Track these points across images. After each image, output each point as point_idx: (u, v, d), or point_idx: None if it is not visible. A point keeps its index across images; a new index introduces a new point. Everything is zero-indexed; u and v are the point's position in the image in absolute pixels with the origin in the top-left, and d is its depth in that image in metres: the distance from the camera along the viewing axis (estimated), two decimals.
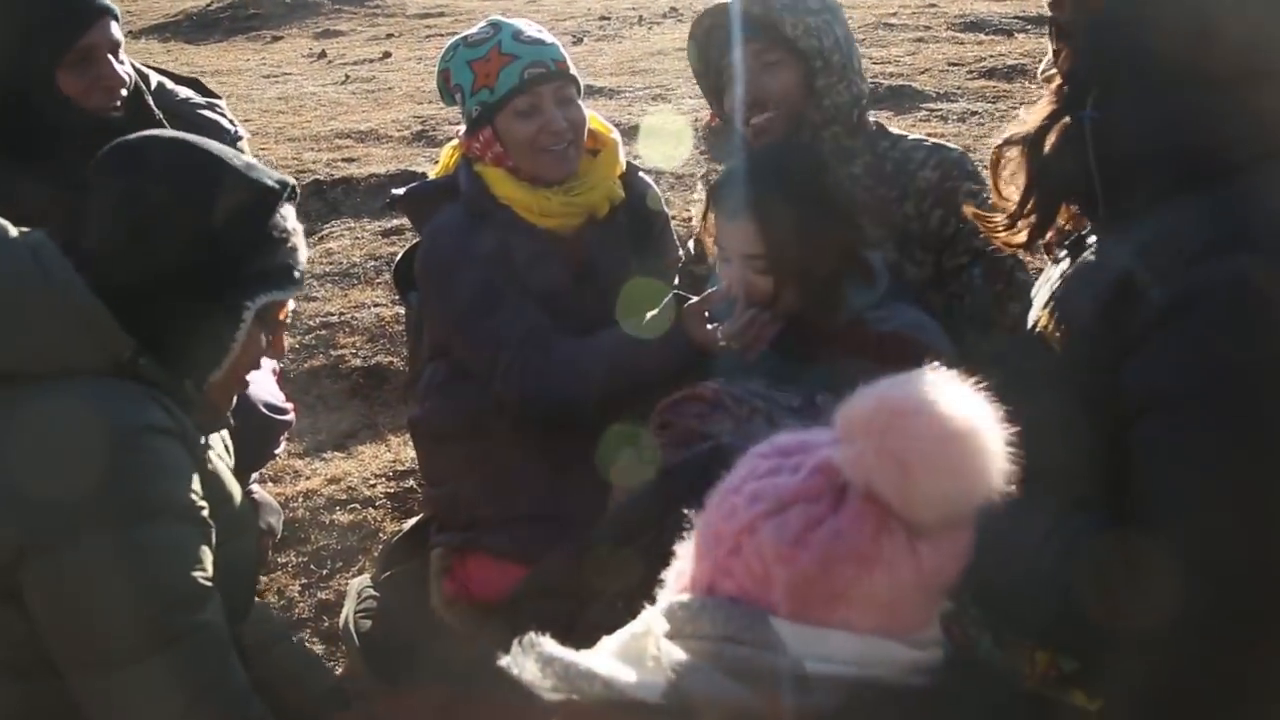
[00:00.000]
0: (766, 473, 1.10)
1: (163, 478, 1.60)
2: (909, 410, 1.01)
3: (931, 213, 2.32)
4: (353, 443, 3.49)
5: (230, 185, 1.67)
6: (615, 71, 7.55)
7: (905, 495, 1.00)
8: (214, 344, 1.69)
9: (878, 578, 1.02)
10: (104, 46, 2.32)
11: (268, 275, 1.70)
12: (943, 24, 8.09)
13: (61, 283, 1.58)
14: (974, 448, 1.00)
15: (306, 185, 5.44)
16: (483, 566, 2.41)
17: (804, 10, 2.30)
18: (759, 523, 1.05)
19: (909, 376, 1.05)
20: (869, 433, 1.01)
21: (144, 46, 10.14)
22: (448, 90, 2.42)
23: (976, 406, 1.03)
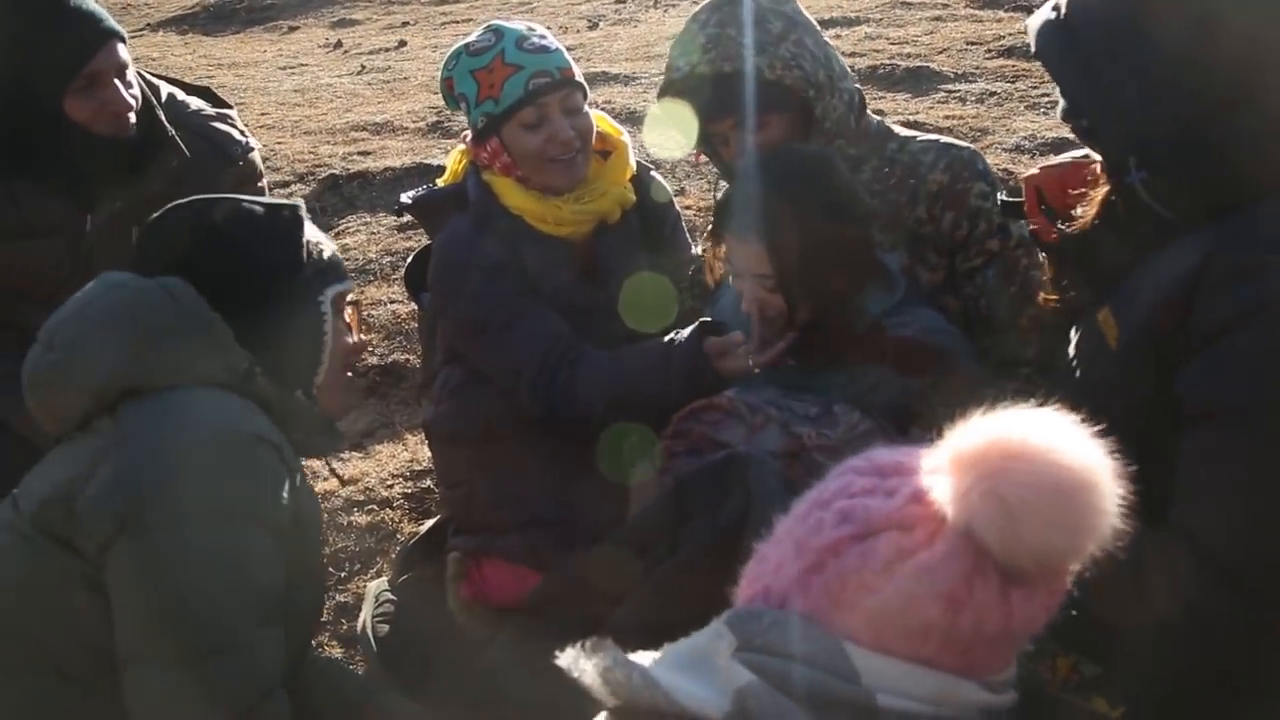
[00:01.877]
0: (860, 492, 1.06)
1: (265, 487, 1.70)
2: (1024, 454, 0.96)
3: (943, 215, 2.30)
4: (370, 442, 3.51)
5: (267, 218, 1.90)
6: (631, 57, 7.51)
7: (1007, 542, 0.95)
8: (311, 343, 1.90)
9: (963, 621, 0.98)
10: (110, 71, 2.32)
11: (324, 272, 1.92)
12: (960, 2, 7.99)
13: (188, 304, 1.76)
14: (1087, 502, 0.95)
15: (323, 180, 5.46)
16: (498, 570, 2.42)
17: (771, 43, 2.24)
18: (845, 545, 1.02)
19: (1027, 415, 1.00)
20: (977, 471, 0.97)
21: (161, 39, 10.18)
22: (452, 98, 2.42)
23: (1095, 457, 0.98)
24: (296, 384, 1.88)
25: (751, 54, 2.22)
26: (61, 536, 1.66)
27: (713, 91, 2.27)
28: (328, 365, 1.92)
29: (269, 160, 5.49)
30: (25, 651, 1.68)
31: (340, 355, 1.95)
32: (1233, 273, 1.38)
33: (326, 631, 2.70)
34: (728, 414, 2.08)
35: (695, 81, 2.29)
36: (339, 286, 1.94)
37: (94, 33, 2.30)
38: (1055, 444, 0.96)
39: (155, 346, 1.72)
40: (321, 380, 1.93)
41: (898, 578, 0.99)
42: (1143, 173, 1.49)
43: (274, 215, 1.91)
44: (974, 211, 2.28)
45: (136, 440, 1.67)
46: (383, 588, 2.66)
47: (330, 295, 1.92)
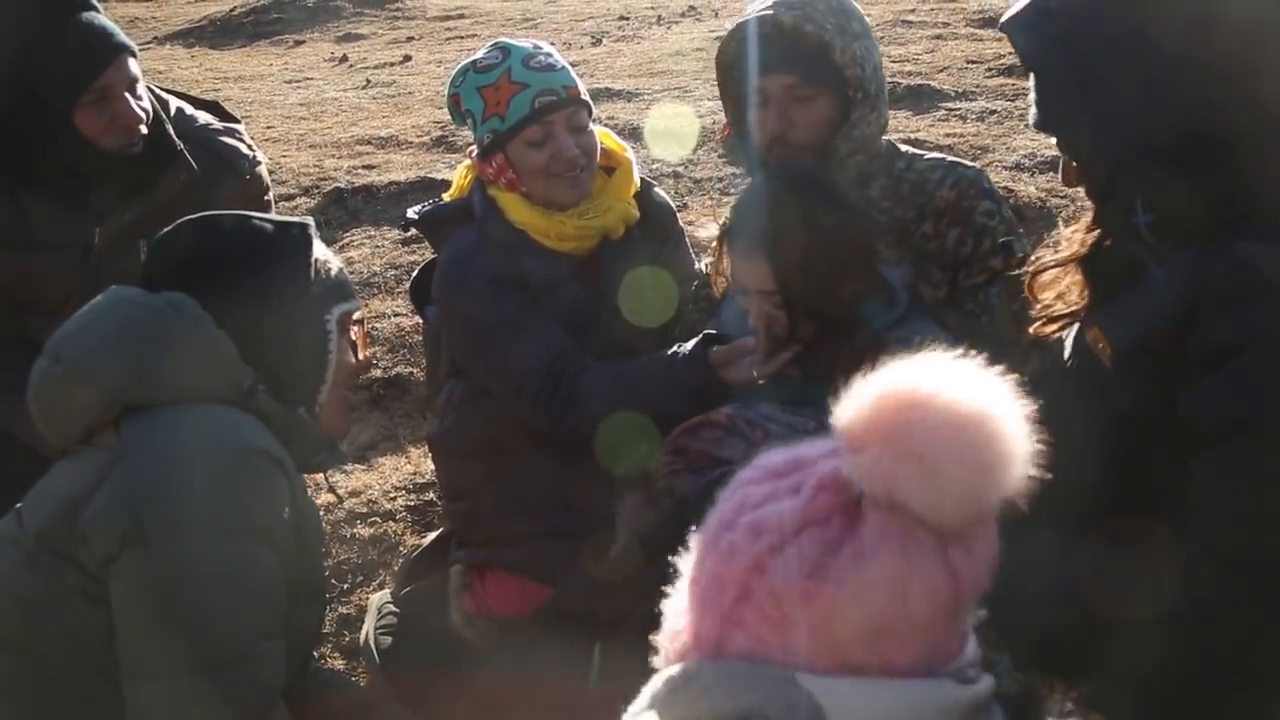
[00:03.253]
0: (763, 500, 0.96)
1: (268, 501, 1.71)
2: (919, 403, 0.90)
3: (949, 232, 2.32)
4: (373, 455, 3.52)
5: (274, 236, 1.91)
6: (634, 73, 7.55)
7: (932, 498, 0.88)
8: (315, 361, 1.91)
9: (914, 599, 0.90)
10: (121, 85, 2.34)
11: (330, 290, 1.93)
12: (961, 20, 8.04)
13: (192, 319, 1.77)
14: (995, 431, 0.89)
15: (328, 193, 5.48)
16: (502, 583, 2.44)
17: (851, 36, 2.26)
18: (767, 559, 0.92)
19: (906, 366, 0.94)
20: (882, 435, 0.90)
21: (169, 52, 10.23)
22: (459, 114, 2.44)
23: (985, 387, 0.93)
24: (299, 401, 1.88)
25: (831, 28, 2.23)
26: (64, 552, 1.66)
27: (779, 44, 2.26)
28: (330, 384, 1.93)
29: (274, 173, 5.51)
30: (29, 666, 1.69)
31: (343, 374, 1.96)
32: (1232, 294, 1.39)
33: (329, 643, 2.71)
34: (727, 430, 2.09)
35: (771, 26, 2.27)
36: (345, 306, 1.95)
37: (105, 47, 2.32)
38: (944, 384, 0.91)
39: (159, 362, 1.73)
40: (324, 398, 1.93)
41: (834, 575, 0.90)
42: (1149, 215, 1.49)
43: (283, 232, 1.92)
44: (979, 229, 2.30)
45: (140, 455, 1.68)
46: (385, 600, 2.67)
47: (336, 314, 1.92)
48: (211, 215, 1.93)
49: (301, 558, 1.80)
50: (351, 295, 1.99)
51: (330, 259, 1.97)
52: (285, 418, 1.83)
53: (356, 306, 1.99)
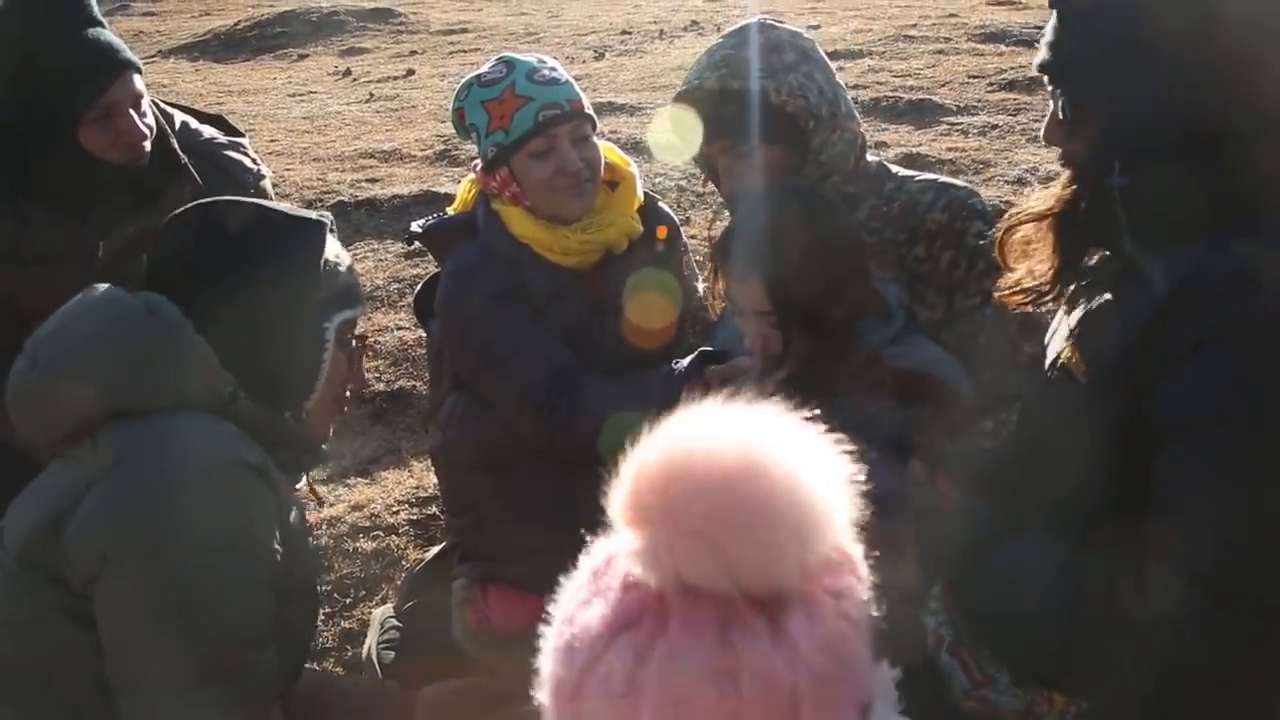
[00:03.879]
0: (578, 609, 0.87)
1: (251, 513, 1.68)
2: (678, 470, 0.81)
3: (941, 254, 2.31)
4: (376, 468, 3.53)
5: (284, 228, 1.84)
6: (636, 87, 7.57)
7: (729, 572, 0.78)
8: (306, 369, 1.86)
9: (746, 684, 0.78)
10: (126, 102, 2.34)
11: (335, 297, 1.87)
12: (963, 35, 8.07)
13: (170, 324, 1.72)
14: (777, 479, 0.79)
15: (331, 207, 5.50)
16: (504, 598, 2.43)
17: (783, 70, 2.27)
18: (585, 680, 0.82)
19: (661, 433, 0.85)
20: (650, 517, 0.81)
21: (173, 66, 10.26)
22: (463, 127, 2.45)
23: (759, 435, 0.82)
24: (285, 406, 1.84)
25: (758, 75, 2.25)
26: (47, 569, 1.64)
27: (714, 110, 2.30)
28: (320, 393, 1.89)
29: (278, 186, 5.53)
30: (28, 684, 1.68)
31: (336, 384, 1.91)
32: (1199, 298, 1.40)
33: (331, 658, 2.70)
34: None
35: (701, 95, 2.32)
36: (348, 313, 1.89)
37: (110, 64, 2.32)
38: (702, 443, 0.81)
39: (136, 369, 1.69)
40: (312, 405, 1.89)
41: (648, 687, 0.79)
42: (1124, 179, 1.48)
43: (295, 230, 1.85)
44: (972, 250, 2.29)
45: (120, 471, 1.64)
46: (388, 614, 2.66)
47: (337, 322, 1.87)
48: (224, 205, 1.85)
49: (289, 559, 1.77)
50: (357, 301, 1.93)
51: (342, 260, 1.91)
52: (268, 422, 1.79)
53: (360, 314, 1.94)
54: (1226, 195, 1.44)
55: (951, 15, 8.87)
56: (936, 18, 8.82)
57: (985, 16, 8.74)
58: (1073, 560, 1.52)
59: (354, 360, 1.95)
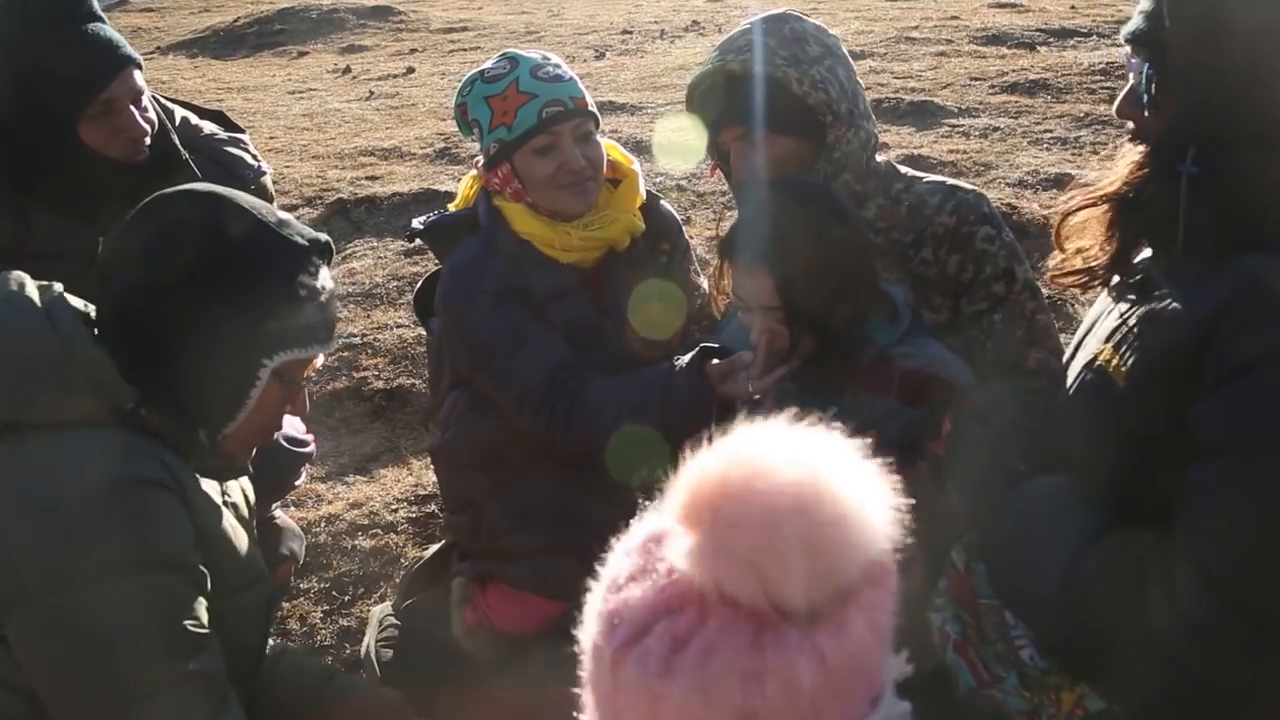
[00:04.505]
0: (628, 580, 0.90)
1: (147, 530, 1.59)
2: (728, 492, 0.84)
3: (949, 258, 2.29)
4: (374, 466, 3.52)
5: (256, 243, 1.68)
6: (637, 87, 7.57)
7: (763, 593, 0.82)
8: (228, 398, 1.70)
9: (773, 690, 0.82)
10: (126, 97, 2.32)
11: (288, 333, 1.69)
12: (964, 38, 8.07)
13: (66, 334, 1.62)
14: (816, 520, 0.83)
15: (330, 204, 5.49)
16: (504, 597, 2.42)
17: (807, 63, 2.25)
18: (623, 654, 0.86)
19: (725, 444, 0.88)
20: (696, 526, 0.85)
21: (172, 63, 10.26)
22: (465, 123, 2.43)
23: (810, 467, 0.85)
24: (201, 425, 1.71)
25: (782, 63, 2.23)
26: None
27: (730, 94, 2.27)
28: (239, 425, 1.73)
29: (278, 184, 5.52)
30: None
31: (262, 418, 1.76)
32: (1264, 311, 1.38)
33: (330, 655, 2.69)
34: None
35: (721, 78, 2.30)
36: (299, 353, 1.71)
37: (110, 59, 2.31)
38: (756, 471, 0.84)
39: (27, 382, 1.60)
40: (229, 433, 1.74)
41: (680, 675, 0.83)
42: (1195, 167, 1.44)
43: (269, 250, 1.69)
44: (979, 255, 2.28)
45: (8, 507, 1.56)
46: (386, 612, 2.65)
47: (280, 360, 1.70)
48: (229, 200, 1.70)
49: (219, 557, 1.72)
50: (314, 341, 1.73)
51: (318, 294, 1.72)
52: (177, 436, 1.69)
53: (307, 355, 1.74)
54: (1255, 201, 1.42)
55: (953, 17, 8.88)
56: (938, 20, 8.83)
57: (987, 19, 8.75)
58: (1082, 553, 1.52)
59: (292, 399, 1.79)
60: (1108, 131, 5.77)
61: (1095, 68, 6.90)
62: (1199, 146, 1.46)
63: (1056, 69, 6.95)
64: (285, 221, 1.74)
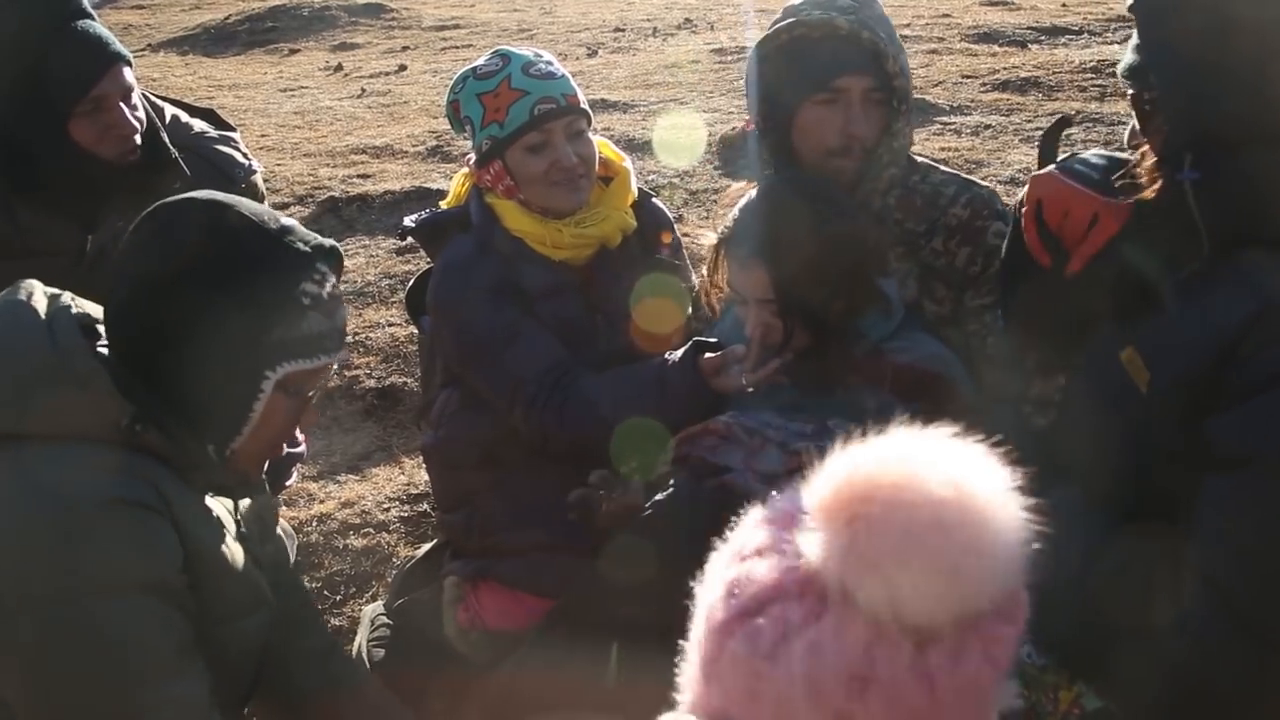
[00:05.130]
0: (753, 553, 0.89)
1: (123, 552, 1.56)
2: (874, 496, 0.82)
3: (959, 250, 2.31)
4: (366, 465, 3.51)
5: (257, 251, 1.63)
6: (629, 85, 7.56)
7: (888, 601, 0.81)
8: (232, 412, 1.65)
9: (874, 703, 0.81)
10: (116, 95, 2.31)
11: (291, 343, 1.64)
12: (956, 35, 8.07)
13: (64, 347, 1.59)
14: (959, 539, 0.81)
15: (322, 202, 5.48)
16: (496, 595, 2.42)
17: (897, 46, 2.24)
18: (736, 625, 0.86)
19: (879, 446, 0.86)
20: (834, 524, 0.83)
21: (162, 60, 10.22)
22: (457, 120, 2.43)
23: (963, 484, 0.83)
24: (207, 440, 1.66)
25: (884, 36, 2.21)
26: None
27: (849, 46, 2.23)
28: (246, 439, 1.68)
29: (269, 182, 5.50)
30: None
31: (269, 436, 1.71)
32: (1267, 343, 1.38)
33: None
34: (724, 438, 2.08)
35: (829, 30, 2.24)
36: (304, 364, 1.66)
37: (100, 57, 2.30)
38: (907, 479, 0.82)
39: (23, 393, 1.57)
40: (238, 447, 1.69)
41: (785, 662, 0.82)
42: (1195, 173, 1.44)
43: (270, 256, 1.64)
44: (989, 250, 2.28)
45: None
46: (378, 611, 2.64)
47: (284, 372, 1.64)
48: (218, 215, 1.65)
49: (216, 581, 1.68)
50: (320, 352, 1.67)
51: (323, 304, 1.67)
52: (180, 453, 1.64)
53: (313, 366, 1.67)
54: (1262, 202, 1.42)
55: (945, 15, 8.88)
56: (930, 18, 8.83)
57: (979, 17, 8.75)
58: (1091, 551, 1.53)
59: (301, 411, 1.73)
60: (1099, 129, 5.77)
61: (1086, 65, 6.91)
62: (1198, 150, 1.46)
63: (1048, 67, 6.95)
64: (289, 228, 1.69)
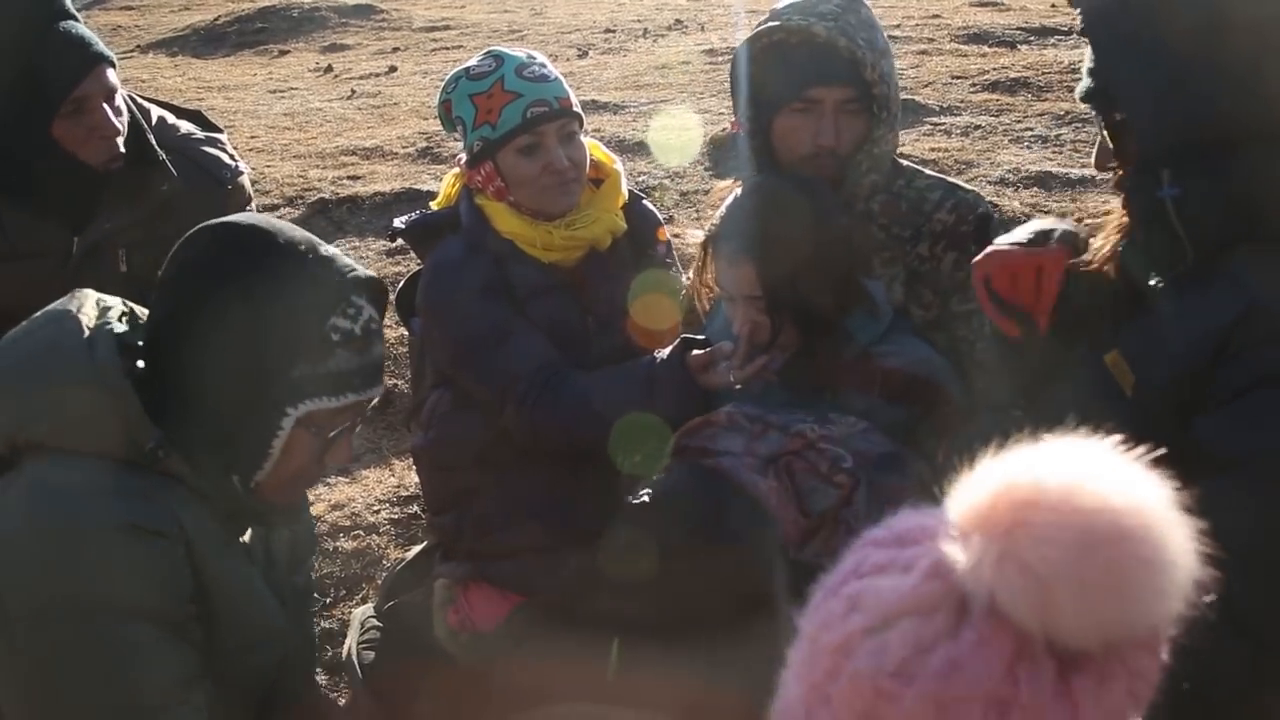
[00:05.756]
0: (873, 569, 0.85)
1: (131, 579, 1.54)
2: (1041, 503, 0.77)
3: (945, 255, 2.30)
4: (357, 467, 3.50)
5: (284, 282, 1.58)
6: (620, 86, 7.56)
7: (1043, 617, 0.76)
8: (252, 447, 1.61)
9: None
10: (99, 96, 2.30)
11: (316, 380, 1.58)
12: (946, 36, 8.09)
13: (99, 364, 1.57)
14: (1131, 554, 0.76)
15: (312, 204, 5.47)
16: (486, 597, 2.41)
17: (879, 52, 2.24)
18: (857, 641, 0.81)
19: (1041, 451, 0.82)
20: (989, 531, 0.78)
21: (152, 61, 10.19)
22: (449, 120, 2.43)
23: (1135, 494, 0.78)
24: (232, 470, 1.64)
25: (862, 43, 2.21)
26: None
27: (829, 56, 2.22)
28: (268, 474, 1.64)
29: (258, 184, 5.50)
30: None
31: (293, 471, 1.66)
32: (1270, 330, 1.37)
33: None
34: (726, 427, 2.08)
35: (806, 37, 2.24)
36: (329, 402, 1.60)
37: (83, 58, 2.29)
38: (1080, 485, 0.77)
39: (56, 406, 1.57)
40: (261, 480, 1.65)
41: (918, 680, 0.77)
42: (1176, 188, 1.43)
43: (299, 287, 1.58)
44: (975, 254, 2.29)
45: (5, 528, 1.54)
46: (368, 614, 2.64)
47: (305, 410, 1.59)
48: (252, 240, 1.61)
49: (231, 613, 1.66)
50: (342, 390, 1.61)
51: (353, 338, 1.60)
52: (203, 481, 1.61)
53: (337, 405, 1.61)
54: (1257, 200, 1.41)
55: (935, 16, 8.90)
56: (920, 18, 8.84)
57: (968, 17, 8.77)
58: None
59: (328, 449, 1.66)
60: (1088, 130, 5.79)
61: (1076, 66, 6.91)
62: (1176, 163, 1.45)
63: (1037, 67, 6.97)
64: (327, 259, 1.62)
